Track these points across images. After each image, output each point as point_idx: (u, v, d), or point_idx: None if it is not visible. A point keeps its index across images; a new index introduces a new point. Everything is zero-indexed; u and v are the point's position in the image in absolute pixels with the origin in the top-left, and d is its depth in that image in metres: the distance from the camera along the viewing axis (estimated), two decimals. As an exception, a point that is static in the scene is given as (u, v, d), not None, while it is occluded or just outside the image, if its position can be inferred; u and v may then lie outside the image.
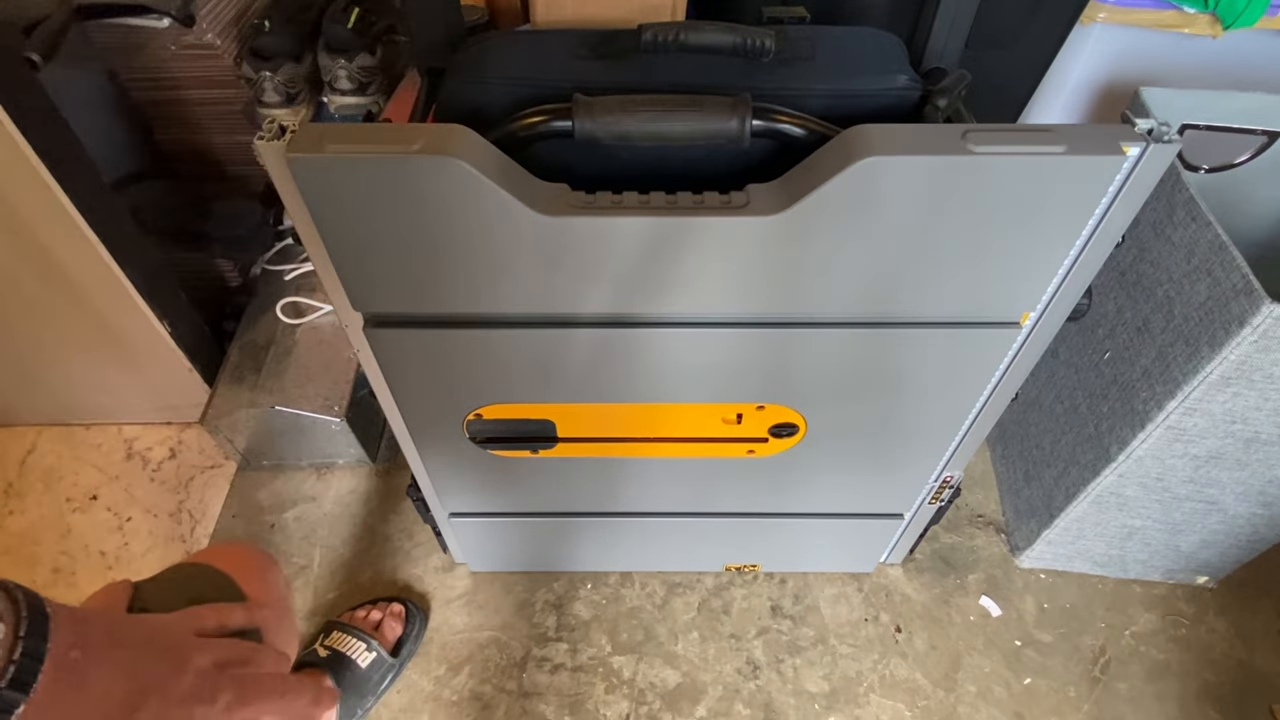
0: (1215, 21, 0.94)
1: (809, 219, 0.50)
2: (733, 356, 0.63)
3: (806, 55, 0.57)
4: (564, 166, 0.53)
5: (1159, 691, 0.94)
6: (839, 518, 0.88)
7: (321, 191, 0.48)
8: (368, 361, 0.63)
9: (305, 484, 1.12)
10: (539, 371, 0.64)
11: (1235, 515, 0.87)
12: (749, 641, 0.97)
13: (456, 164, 0.46)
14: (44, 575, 1.01)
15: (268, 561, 0.60)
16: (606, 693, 0.93)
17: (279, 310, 1.11)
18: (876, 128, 0.47)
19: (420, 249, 0.52)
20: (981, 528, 1.08)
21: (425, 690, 0.93)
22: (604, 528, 0.91)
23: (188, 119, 1.04)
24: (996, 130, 0.46)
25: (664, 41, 0.53)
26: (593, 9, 0.65)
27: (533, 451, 0.74)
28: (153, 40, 0.93)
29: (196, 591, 0.51)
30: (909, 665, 0.96)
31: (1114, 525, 0.92)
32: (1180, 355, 0.71)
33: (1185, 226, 0.72)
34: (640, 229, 0.50)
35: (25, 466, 1.12)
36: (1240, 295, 0.64)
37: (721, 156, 0.54)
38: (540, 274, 0.54)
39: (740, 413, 0.69)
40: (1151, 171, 0.47)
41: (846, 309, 0.58)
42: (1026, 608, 1.00)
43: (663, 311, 0.58)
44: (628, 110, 0.50)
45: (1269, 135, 0.83)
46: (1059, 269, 0.55)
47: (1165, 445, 0.78)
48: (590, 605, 1.00)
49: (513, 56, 0.57)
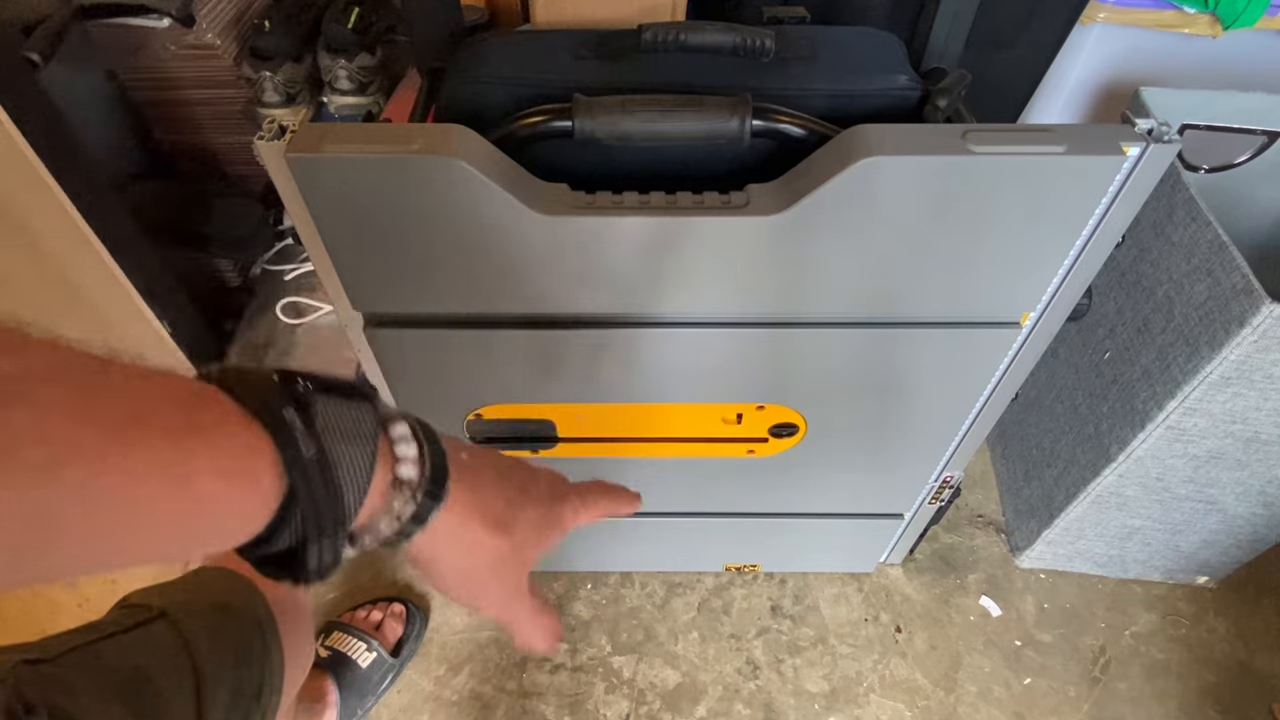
0: (1215, 21, 0.94)
1: (809, 219, 0.50)
2: (733, 356, 0.63)
3: (806, 55, 0.57)
4: (564, 166, 0.53)
5: (1159, 691, 0.94)
6: (839, 518, 0.88)
7: (321, 191, 0.48)
8: (368, 361, 0.63)
9: (305, 484, 1.11)
10: (539, 371, 0.64)
11: (1235, 515, 0.87)
12: (749, 641, 0.97)
13: (456, 164, 0.46)
14: (44, 575, 1.01)
15: None
16: (606, 693, 0.93)
17: (279, 310, 1.11)
18: (876, 128, 0.47)
19: (420, 249, 0.52)
20: (981, 528, 1.08)
21: (425, 690, 0.93)
22: (604, 528, 0.91)
23: (188, 119, 1.04)
24: (996, 130, 0.46)
25: (664, 41, 0.53)
26: (593, 9, 0.65)
27: (533, 451, 0.74)
28: (153, 40, 0.93)
29: (215, 595, 0.51)
30: (909, 665, 0.96)
31: (1114, 525, 0.92)
32: (1180, 355, 0.71)
33: (1185, 226, 0.72)
34: (640, 229, 0.50)
35: (25, 466, 1.12)
36: (1240, 295, 0.64)
37: (721, 156, 0.54)
38: (540, 274, 0.54)
39: (740, 413, 0.69)
40: (1151, 171, 0.47)
41: (846, 309, 0.58)
42: (1026, 608, 1.00)
43: (662, 311, 0.58)
44: (628, 110, 0.50)
45: (1269, 135, 0.83)
46: (1059, 269, 0.55)
47: (1165, 445, 0.78)
48: (590, 605, 1.00)
49: (513, 56, 0.57)
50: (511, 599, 0.36)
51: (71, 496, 0.19)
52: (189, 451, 0.22)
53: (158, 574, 0.55)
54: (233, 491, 0.23)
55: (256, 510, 0.24)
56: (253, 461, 0.24)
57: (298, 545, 0.26)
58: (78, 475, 0.19)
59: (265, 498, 0.24)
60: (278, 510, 0.25)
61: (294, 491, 0.24)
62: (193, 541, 0.24)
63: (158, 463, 0.21)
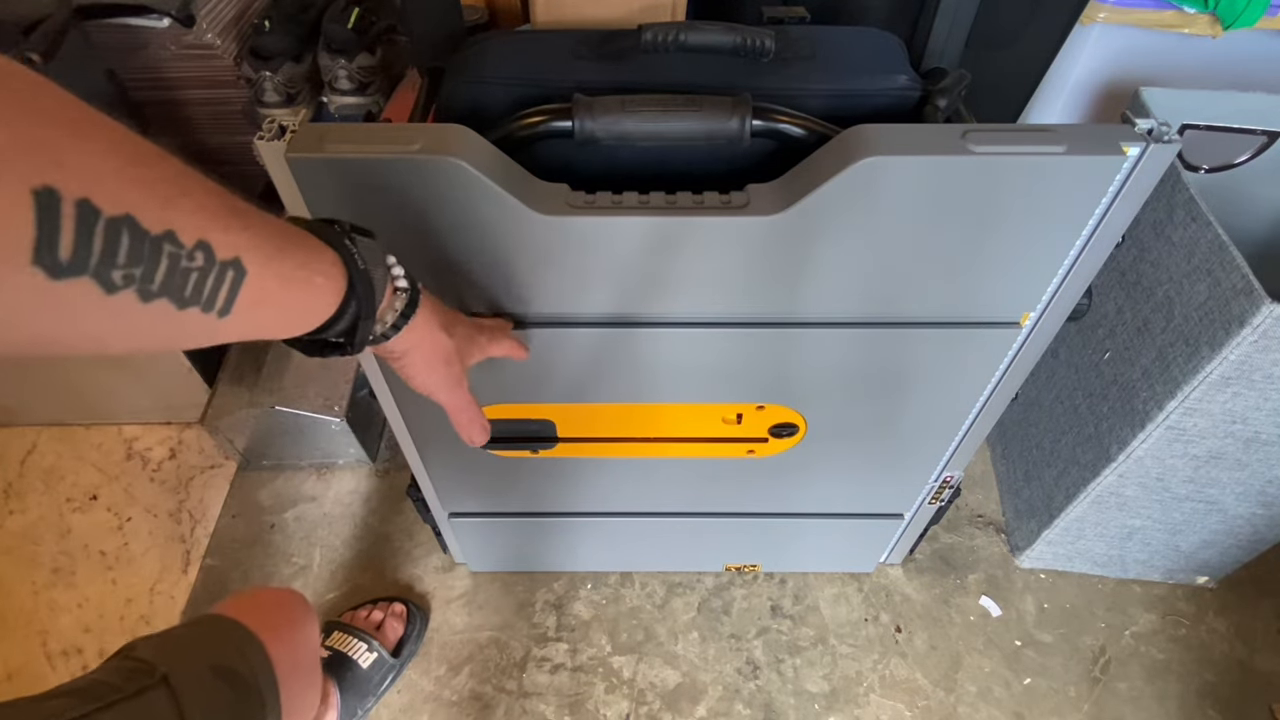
0: (1215, 21, 0.94)
1: (809, 219, 0.50)
2: (732, 356, 0.63)
3: (807, 55, 0.57)
4: (564, 166, 0.53)
5: (1159, 691, 0.94)
6: (839, 518, 0.88)
7: (321, 192, 0.48)
8: (368, 361, 0.63)
9: (305, 484, 1.12)
10: (539, 371, 0.64)
11: (1235, 515, 0.87)
12: (749, 641, 0.97)
13: (456, 164, 0.46)
14: (44, 575, 1.01)
15: (301, 612, 0.60)
16: (606, 693, 0.93)
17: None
18: (876, 128, 0.47)
19: (420, 249, 0.52)
20: (981, 528, 1.08)
21: (425, 690, 0.93)
22: (604, 528, 0.91)
23: (188, 119, 1.04)
24: (996, 130, 0.46)
25: (664, 41, 0.53)
26: (593, 9, 0.65)
27: (533, 451, 0.74)
28: (153, 40, 0.93)
29: (218, 656, 0.50)
30: (909, 665, 0.96)
31: (1114, 525, 0.92)
32: (1180, 355, 0.71)
33: (1185, 226, 0.72)
34: (640, 229, 0.50)
35: (25, 466, 1.12)
36: (1240, 295, 0.64)
37: (722, 156, 0.54)
38: (540, 274, 0.54)
39: (740, 413, 0.69)
40: (1151, 171, 0.47)
41: (846, 309, 0.58)
42: (1026, 608, 1.00)
43: (662, 311, 0.58)
44: (628, 110, 0.50)
45: (1269, 135, 0.83)
46: (1059, 269, 0.55)
47: (1165, 445, 0.78)
48: (590, 605, 1.00)
49: (513, 56, 0.57)
50: (455, 387, 0.51)
51: (256, 274, 0.31)
52: (313, 259, 0.36)
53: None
54: (330, 284, 0.37)
55: (333, 299, 0.37)
56: (337, 269, 0.37)
57: (355, 323, 0.39)
58: (257, 265, 0.31)
59: (340, 292, 0.38)
60: (340, 305, 0.38)
61: (353, 287, 0.38)
62: (307, 315, 0.37)
63: (299, 262, 0.34)
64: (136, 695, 0.45)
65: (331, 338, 0.40)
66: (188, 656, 0.49)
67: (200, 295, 0.29)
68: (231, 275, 0.30)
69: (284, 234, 0.34)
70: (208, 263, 0.28)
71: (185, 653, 0.49)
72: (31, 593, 1.00)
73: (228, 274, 0.29)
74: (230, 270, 0.29)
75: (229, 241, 0.29)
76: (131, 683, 0.46)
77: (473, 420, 0.54)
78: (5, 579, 1.01)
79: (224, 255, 0.29)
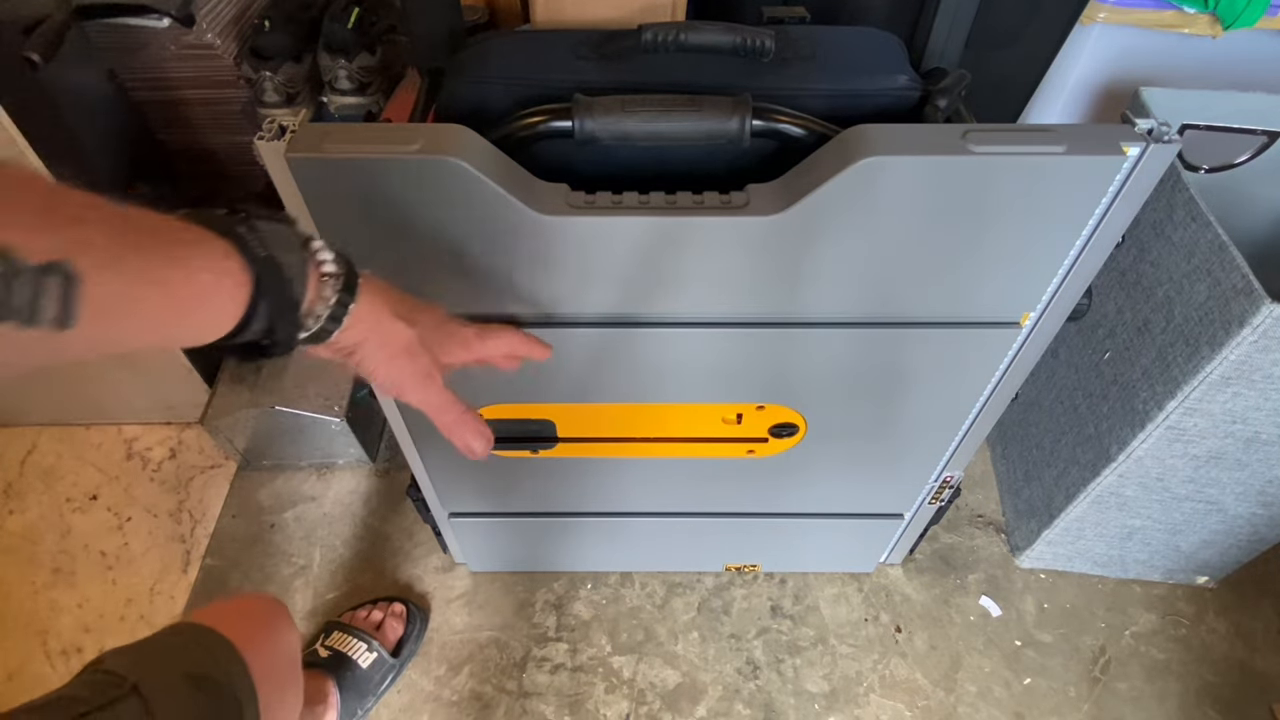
0: (1215, 21, 0.94)
1: (809, 219, 0.50)
2: (732, 356, 0.63)
3: (806, 55, 0.57)
4: (564, 166, 0.53)
5: (1159, 691, 0.94)
6: (839, 518, 0.88)
7: (321, 191, 0.48)
8: (368, 361, 0.63)
9: (305, 484, 1.12)
10: (539, 371, 0.64)
11: (1235, 515, 0.87)
12: (749, 641, 0.97)
13: (456, 164, 0.46)
14: (44, 575, 1.01)
15: (279, 619, 0.58)
16: (606, 693, 0.93)
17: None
18: (876, 128, 0.47)
19: (420, 249, 0.52)
20: (981, 528, 1.08)
21: (425, 690, 0.93)
22: (604, 528, 0.91)
23: (188, 119, 1.03)
24: (996, 130, 0.46)
25: (664, 41, 0.53)
26: (593, 9, 0.65)
27: (533, 451, 0.74)
28: (153, 40, 0.93)
29: (192, 664, 0.49)
30: (909, 665, 0.96)
31: (1114, 525, 0.92)
32: (1180, 355, 0.71)
33: (1185, 226, 0.72)
34: (640, 229, 0.50)
35: (25, 466, 1.12)
36: (1240, 295, 0.64)
37: (721, 156, 0.54)
38: (540, 274, 0.54)
39: (740, 413, 0.69)
40: (1151, 171, 0.47)
41: (846, 309, 0.58)
42: (1026, 608, 1.00)
43: (663, 311, 0.58)
44: (628, 110, 0.50)
45: (1269, 135, 0.83)
46: (1059, 269, 0.55)
47: (1165, 445, 0.78)
48: (590, 605, 1.00)
49: (513, 56, 0.57)
50: (425, 382, 0.45)
51: (96, 279, 0.27)
52: (188, 254, 0.31)
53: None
54: (222, 280, 0.33)
55: (236, 297, 0.33)
56: (229, 261, 0.33)
57: (270, 324, 0.35)
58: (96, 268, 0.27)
59: (241, 288, 0.33)
60: (249, 302, 0.34)
61: (259, 282, 0.34)
62: (201, 317, 0.33)
63: (167, 259, 0.30)
64: (106, 707, 0.44)
65: (251, 339, 0.36)
66: (159, 665, 0.48)
67: (9, 307, 0.25)
68: (56, 282, 0.26)
69: (144, 231, 0.30)
70: (9, 270, 0.25)
71: (156, 662, 0.48)
72: (31, 593, 1.00)
73: (48, 281, 0.26)
74: (52, 277, 0.26)
75: (42, 246, 0.26)
76: (100, 695, 0.44)
77: (461, 423, 0.48)
78: (5, 579, 1.01)
79: (35, 260, 0.25)
